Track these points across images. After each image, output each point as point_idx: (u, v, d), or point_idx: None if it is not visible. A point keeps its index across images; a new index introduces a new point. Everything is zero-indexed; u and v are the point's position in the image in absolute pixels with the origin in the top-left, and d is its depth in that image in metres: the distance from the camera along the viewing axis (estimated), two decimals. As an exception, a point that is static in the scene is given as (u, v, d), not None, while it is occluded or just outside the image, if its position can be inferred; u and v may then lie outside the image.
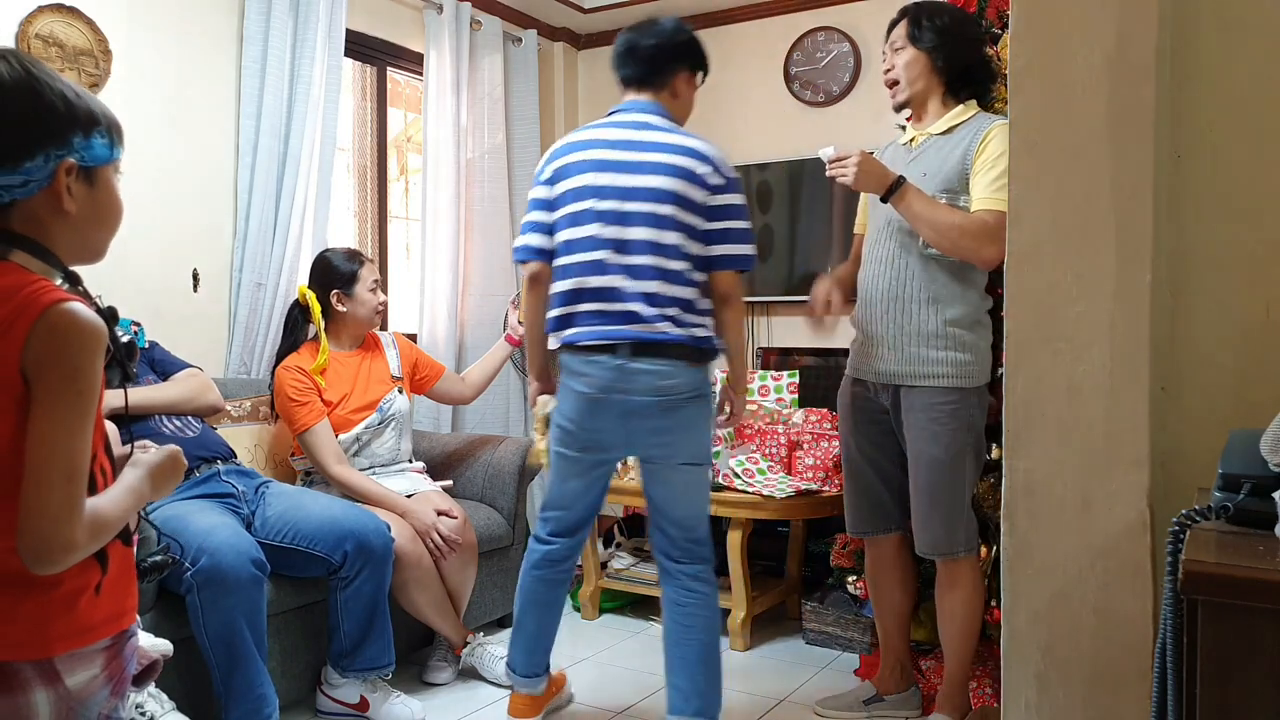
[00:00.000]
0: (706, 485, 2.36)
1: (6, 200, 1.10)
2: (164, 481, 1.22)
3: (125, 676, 1.18)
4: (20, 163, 1.09)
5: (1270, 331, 1.46)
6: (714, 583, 2.33)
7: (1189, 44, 1.48)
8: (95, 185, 1.16)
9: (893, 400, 2.38)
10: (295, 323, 2.99)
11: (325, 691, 2.57)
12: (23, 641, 1.07)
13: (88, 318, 1.08)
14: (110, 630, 1.15)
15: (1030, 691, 1.48)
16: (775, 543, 3.58)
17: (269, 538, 2.45)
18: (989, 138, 2.22)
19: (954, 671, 2.42)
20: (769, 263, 4.28)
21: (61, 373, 1.06)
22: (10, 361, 1.04)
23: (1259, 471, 1.10)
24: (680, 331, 2.20)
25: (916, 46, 2.31)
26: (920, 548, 2.38)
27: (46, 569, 1.04)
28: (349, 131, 3.92)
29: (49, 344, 1.05)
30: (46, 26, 2.74)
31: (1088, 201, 1.44)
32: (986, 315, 2.36)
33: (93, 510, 1.07)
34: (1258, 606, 0.93)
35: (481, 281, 4.20)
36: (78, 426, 1.06)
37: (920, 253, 2.30)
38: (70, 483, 1.05)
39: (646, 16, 2.43)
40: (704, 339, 2.25)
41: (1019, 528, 1.49)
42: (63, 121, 1.11)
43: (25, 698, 1.06)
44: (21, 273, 1.10)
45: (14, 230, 1.12)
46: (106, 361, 1.15)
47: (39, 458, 1.04)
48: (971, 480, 2.36)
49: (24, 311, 1.05)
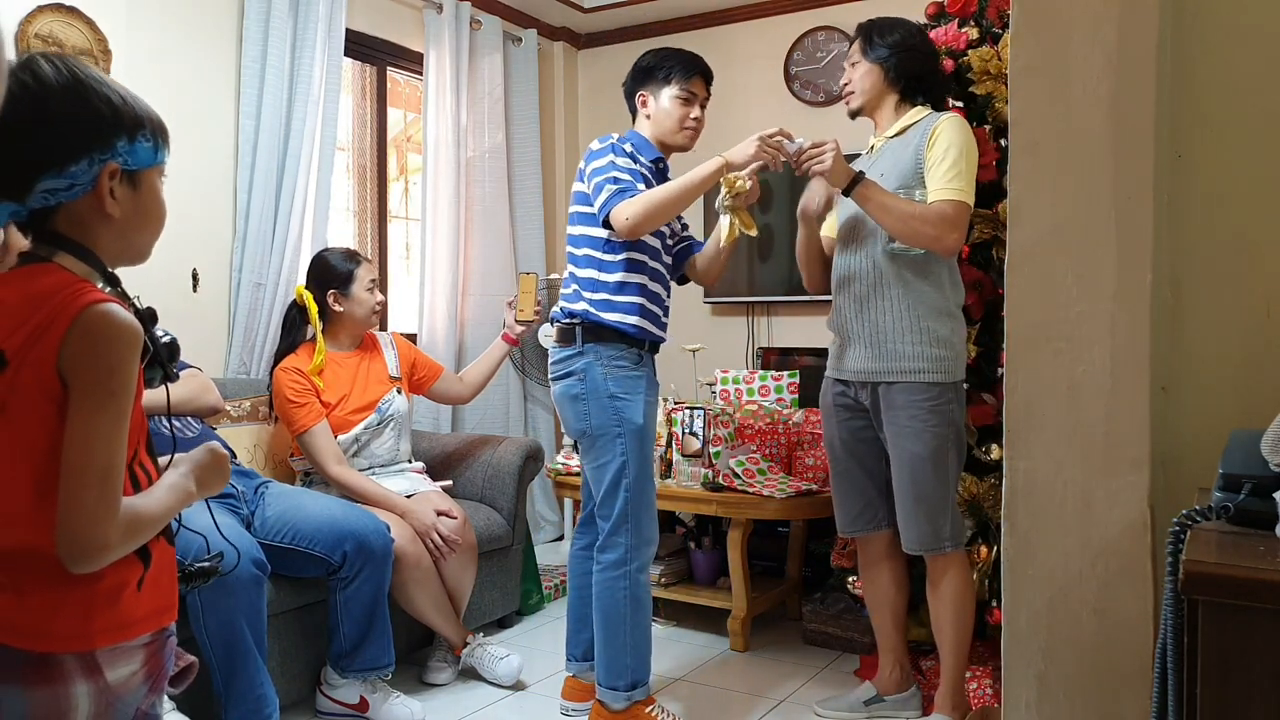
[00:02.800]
0: (604, 461, 2.37)
1: (52, 203, 1.11)
2: (210, 478, 1.23)
3: (164, 674, 1.19)
4: (65, 167, 1.10)
5: (1271, 331, 1.45)
6: (614, 565, 2.37)
7: (1189, 44, 1.48)
8: (139, 188, 1.17)
9: (871, 398, 2.41)
10: (293, 323, 2.99)
11: (325, 692, 2.57)
12: (66, 634, 1.08)
13: (123, 318, 1.09)
14: (151, 626, 1.16)
15: (1030, 691, 1.48)
16: (775, 543, 3.58)
17: (268, 538, 2.45)
18: (937, 131, 2.30)
19: (950, 669, 2.42)
20: (769, 263, 4.28)
21: (96, 373, 1.07)
22: (48, 363, 1.06)
23: (1259, 471, 1.10)
24: (555, 309, 2.46)
25: (869, 60, 2.42)
26: (906, 545, 2.39)
27: (82, 568, 1.06)
28: (349, 131, 3.92)
29: (84, 345, 1.07)
30: (46, 26, 2.74)
31: (1088, 201, 1.44)
32: (959, 310, 2.40)
33: (130, 509, 1.09)
34: (1258, 606, 0.93)
35: (481, 281, 4.20)
36: (112, 426, 1.08)
37: (886, 249, 2.35)
38: (105, 482, 1.06)
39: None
40: (567, 319, 2.40)
41: (1019, 528, 1.49)
42: (107, 125, 1.12)
43: (66, 689, 1.07)
44: (62, 274, 1.11)
45: (59, 232, 1.13)
46: (146, 361, 1.17)
47: (74, 457, 1.05)
48: (954, 475, 2.38)
49: (61, 313, 1.07)
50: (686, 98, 2.43)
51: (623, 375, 2.37)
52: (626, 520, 2.37)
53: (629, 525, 2.37)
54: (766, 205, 4.25)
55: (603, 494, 2.38)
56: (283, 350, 2.95)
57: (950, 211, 2.24)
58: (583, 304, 2.38)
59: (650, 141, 2.45)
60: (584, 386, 2.37)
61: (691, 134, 2.47)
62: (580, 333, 2.38)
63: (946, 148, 2.27)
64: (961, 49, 2.69)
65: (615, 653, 2.38)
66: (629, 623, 2.38)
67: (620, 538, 2.37)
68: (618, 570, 2.37)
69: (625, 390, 2.36)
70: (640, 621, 2.40)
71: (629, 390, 2.36)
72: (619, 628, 2.38)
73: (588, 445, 2.41)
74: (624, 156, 2.37)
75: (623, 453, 2.35)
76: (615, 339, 2.37)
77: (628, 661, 2.38)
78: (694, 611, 3.40)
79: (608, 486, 2.37)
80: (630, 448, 2.35)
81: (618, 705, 2.39)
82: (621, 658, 2.38)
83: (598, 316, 2.36)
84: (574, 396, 2.38)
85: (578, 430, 2.41)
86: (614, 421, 2.35)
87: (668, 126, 2.43)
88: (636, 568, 2.38)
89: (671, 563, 3.41)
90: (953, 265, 2.40)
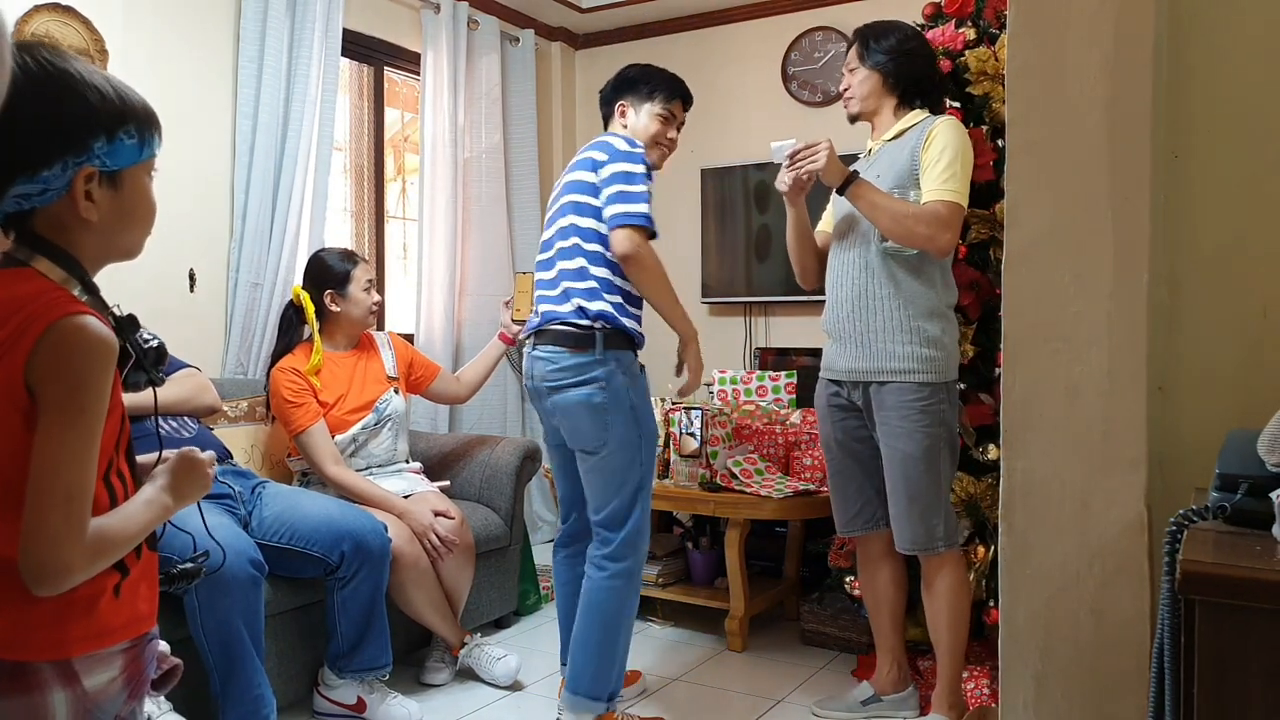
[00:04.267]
0: (623, 473, 2.31)
1: (27, 208, 1.08)
2: (188, 487, 1.19)
3: (144, 679, 1.18)
4: (38, 171, 1.06)
5: (1268, 331, 1.46)
6: (626, 575, 2.34)
7: (1186, 44, 1.49)
8: (121, 188, 1.13)
9: (864, 399, 2.41)
10: (290, 323, 2.99)
11: (322, 692, 2.57)
12: (42, 642, 1.06)
13: (95, 332, 1.05)
14: (129, 634, 1.14)
15: (1028, 691, 1.48)
16: (773, 543, 3.58)
17: (266, 538, 2.45)
18: (933, 133, 2.32)
19: (947, 669, 2.42)
20: (767, 263, 4.28)
21: (65, 388, 1.03)
22: (15, 374, 1.03)
23: (1256, 471, 1.10)
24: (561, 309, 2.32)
25: (867, 66, 2.43)
26: (900, 544, 2.40)
27: (44, 590, 1.03)
28: (346, 131, 3.92)
29: (54, 358, 1.03)
30: (43, 26, 2.73)
31: (1085, 202, 1.44)
32: (951, 310, 2.41)
33: (97, 531, 1.05)
34: (1255, 606, 0.94)
35: (479, 281, 4.19)
36: (81, 445, 1.04)
37: (879, 250, 2.35)
38: (70, 504, 1.03)
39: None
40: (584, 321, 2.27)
41: (1017, 528, 1.49)
42: (83, 127, 1.08)
43: (43, 697, 1.06)
44: (39, 281, 1.08)
45: (39, 234, 1.10)
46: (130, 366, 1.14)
47: (39, 478, 1.02)
48: (947, 475, 2.38)
49: (33, 323, 1.03)
50: (667, 117, 2.45)
51: (640, 384, 2.35)
52: (640, 532, 2.35)
53: (642, 536, 2.36)
54: (765, 205, 4.26)
55: (617, 504, 2.32)
56: (280, 350, 2.95)
57: (944, 212, 2.25)
58: (603, 304, 2.27)
59: None
60: (607, 396, 2.26)
61: (665, 152, 2.48)
62: (601, 338, 2.27)
63: (942, 149, 2.28)
64: (959, 49, 2.70)
65: (607, 661, 2.35)
66: (625, 631, 2.37)
67: (632, 549, 2.34)
68: (625, 579, 2.34)
69: (642, 399, 2.34)
70: (631, 628, 2.41)
71: (644, 399, 2.35)
72: (617, 636, 2.36)
73: (602, 457, 2.31)
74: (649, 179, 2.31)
75: (641, 464, 2.32)
76: (628, 345, 2.33)
77: (615, 671, 2.37)
78: (691, 612, 3.40)
79: (625, 498, 2.32)
80: (648, 459, 2.34)
81: (590, 716, 2.35)
82: (611, 667, 2.36)
83: (619, 321, 2.29)
84: (596, 407, 2.26)
85: (596, 442, 2.29)
86: (635, 434, 2.30)
87: (642, 140, 2.42)
88: (640, 577, 2.39)
89: (669, 563, 3.41)
90: (945, 265, 2.40)
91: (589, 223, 2.32)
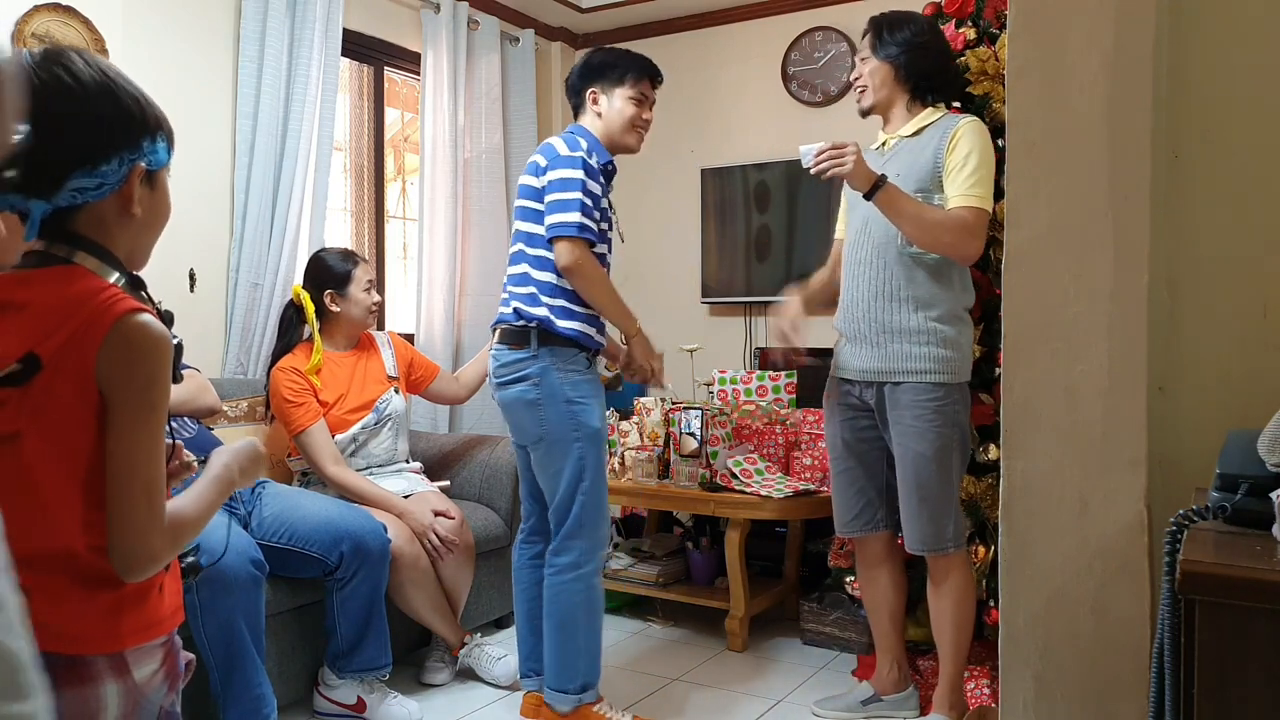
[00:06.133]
0: (560, 467, 2.35)
1: (79, 202, 1.10)
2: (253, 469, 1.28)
3: (178, 672, 1.21)
4: (98, 165, 1.09)
5: (1267, 332, 1.46)
6: (571, 569, 2.37)
7: (1186, 44, 1.49)
8: (155, 189, 1.17)
9: (877, 398, 2.40)
10: (290, 323, 2.99)
11: (322, 692, 2.57)
12: (98, 636, 1.09)
13: (158, 330, 1.09)
14: (171, 625, 1.18)
15: (1028, 691, 1.48)
16: (773, 543, 3.57)
17: (265, 538, 2.45)
18: (957, 136, 2.29)
19: (949, 669, 2.42)
20: (766, 263, 4.28)
21: (137, 386, 1.07)
22: (86, 373, 1.05)
23: (1256, 471, 1.10)
24: (505, 311, 2.41)
25: (879, 57, 2.39)
26: (910, 544, 2.39)
27: (136, 579, 1.09)
28: (346, 131, 3.92)
29: (123, 357, 1.06)
30: (43, 26, 2.73)
31: (1085, 202, 1.44)
32: (967, 312, 2.40)
33: (173, 515, 1.11)
34: (1255, 606, 0.94)
35: (478, 281, 4.19)
36: (152, 441, 1.09)
37: (900, 251, 2.33)
38: (150, 496, 1.08)
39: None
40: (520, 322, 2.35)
41: (1017, 528, 1.49)
42: (136, 125, 1.12)
43: (97, 690, 1.08)
44: (90, 279, 1.10)
45: (78, 232, 1.12)
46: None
47: (120, 474, 1.07)
48: (958, 476, 2.38)
49: (97, 321, 1.06)
50: (639, 99, 2.44)
51: (578, 379, 2.36)
52: (583, 525, 2.37)
53: (585, 530, 2.37)
54: (764, 205, 4.26)
55: (559, 499, 2.37)
56: (280, 350, 2.95)
57: (970, 219, 2.23)
58: (543, 309, 2.34)
59: (601, 142, 2.44)
60: (540, 392, 2.34)
61: (642, 135, 2.48)
62: (535, 337, 2.34)
63: (967, 153, 2.25)
64: (959, 49, 2.70)
65: (569, 656, 2.38)
66: (583, 626, 2.38)
67: (576, 541, 2.37)
68: (573, 574, 2.37)
69: (581, 395, 2.35)
70: (593, 624, 2.41)
71: (584, 395, 2.36)
72: (573, 632, 2.38)
73: (543, 451, 2.38)
74: (594, 179, 2.32)
75: (580, 457, 2.34)
76: (568, 344, 2.36)
77: (580, 665, 2.38)
78: (691, 612, 3.40)
79: (564, 492, 2.36)
80: (588, 452, 2.35)
81: (565, 708, 2.39)
82: (574, 661, 2.38)
83: (556, 325, 2.33)
84: (529, 402, 2.35)
85: (534, 436, 2.37)
86: (571, 427, 2.34)
87: (618, 125, 2.43)
88: (590, 571, 2.39)
89: (669, 563, 3.41)
90: (964, 269, 2.38)
91: (530, 227, 2.39)
